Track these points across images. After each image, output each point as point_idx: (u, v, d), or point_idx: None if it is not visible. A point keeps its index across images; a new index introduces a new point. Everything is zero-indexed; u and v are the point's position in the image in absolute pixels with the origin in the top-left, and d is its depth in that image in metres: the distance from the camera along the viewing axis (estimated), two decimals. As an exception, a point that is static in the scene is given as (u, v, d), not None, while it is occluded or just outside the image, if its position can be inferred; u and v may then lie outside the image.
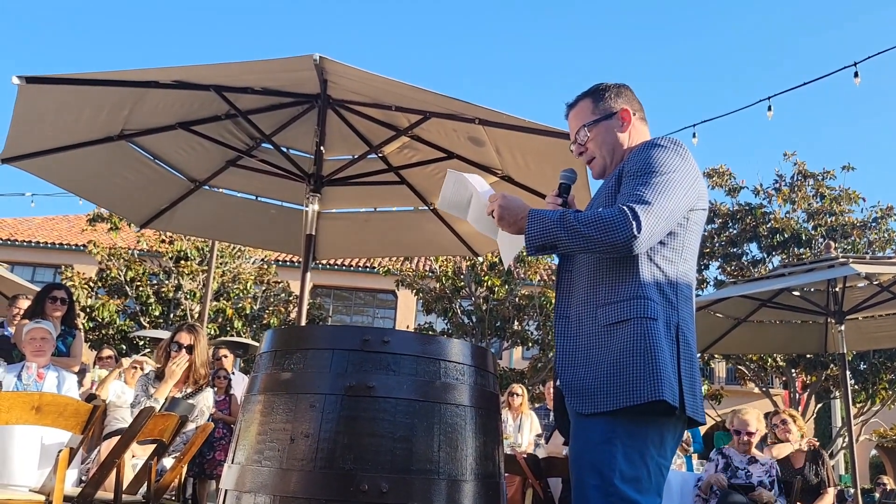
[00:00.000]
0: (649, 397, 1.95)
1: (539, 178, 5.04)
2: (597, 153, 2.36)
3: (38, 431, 3.42)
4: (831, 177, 16.25)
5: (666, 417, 2.02)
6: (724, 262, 16.72)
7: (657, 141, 2.18)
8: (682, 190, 2.08)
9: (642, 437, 2.00)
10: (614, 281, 2.10)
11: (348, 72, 4.22)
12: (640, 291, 2.06)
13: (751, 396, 19.91)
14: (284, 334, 2.31)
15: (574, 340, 2.14)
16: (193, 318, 15.04)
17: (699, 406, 2.10)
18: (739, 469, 5.01)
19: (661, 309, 2.06)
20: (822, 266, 6.16)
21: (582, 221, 2.02)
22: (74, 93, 4.39)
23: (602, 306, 2.09)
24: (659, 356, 1.98)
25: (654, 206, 2.00)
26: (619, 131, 2.33)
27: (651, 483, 2.00)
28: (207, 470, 6.90)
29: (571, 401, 2.09)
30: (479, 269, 15.05)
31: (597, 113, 2.35)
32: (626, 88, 2.40)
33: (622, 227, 1.97)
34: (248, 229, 6.41)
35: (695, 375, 2.10)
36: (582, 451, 2.05)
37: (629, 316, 2.04)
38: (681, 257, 2.15)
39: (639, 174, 2.09)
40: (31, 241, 24.01)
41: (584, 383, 2.06)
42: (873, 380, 14.84)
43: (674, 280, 2.11)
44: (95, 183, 5.41)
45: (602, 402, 2.01)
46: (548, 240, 2.06)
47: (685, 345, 2.07)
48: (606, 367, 2.03)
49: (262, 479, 2.03)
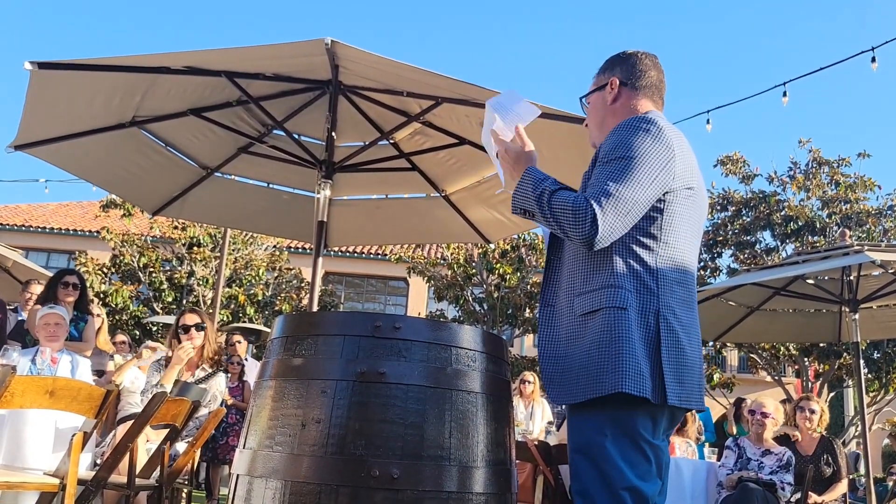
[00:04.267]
0: (610, 389, 1.93)
1: (553, 164, 4.98)
2: (589, 123, 2.32)
3: (52, 415, 3.44)
4: (847, 164, 16.09)
5: (651, 405, 1.98)
6: (737, 250, 16.62)
7: (632, 121, 2.09)
8: (649, 174, 1.99)
9: (631, 424, 1.97)
10: (589, 269, 2.07)
11: (360, 56, 4.19)
12: (612, 280, 2.02)
13: (763, 385, 19.85)
14: (296, 320, 2.31)
15: (555, 330, 2.12)
16: (206, 305, 15.13)
17: (689, 393, 2.03)
18: (752, 460, 4.99)
19: (633, 297, 2.00)
20: (836, 254, 6.10)
21: (554, 205, 1.99)
22: (86, 79, 4.39)
23: (578, 296, 2.07)
24: (623, 347, 1.94)
25: (614, 198, 1.95)
26: (607, 103, 2.25)
27: (649, 467, 1.98)
28: (220, 455, 6.96)
29: (549, 391, 2.10)
30: (490, 257, 15.04)
31: (596, 83, 2.30)
32: (635, 56, 2.27)
33: (582, 223, 1.94)
34: (260, 216, 6.42)
35: (684, 362, 2.03)
36: (576, 442, 2.04)
37: (600, 305, 2.01)
38: (662, 241, 2.06)
39: (605, 160, 2.04)
40: (45, 227, 24.17)
41: (562, 374, 2.06)
42: (887, 369, 14.74)
43: (653, 266, 2.04)
44: (107, 170, 5.42)
45: (574, 392, 2.01)
46: (527, 206, 2.06)
47: (669, 332, 2.01)
48: (579, 357, 2.02)
49: (273, 465, 2.03)
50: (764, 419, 5.09)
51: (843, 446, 16.11)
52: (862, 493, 10.17)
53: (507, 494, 2.19)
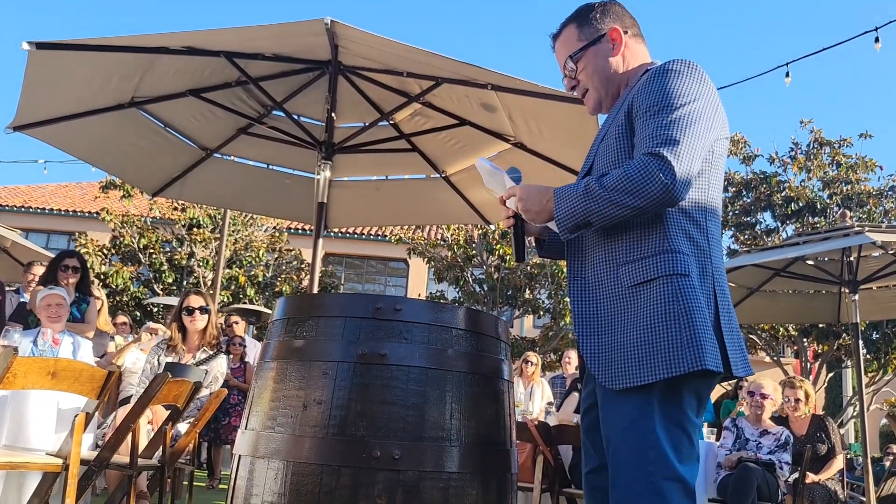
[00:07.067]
0: (691, 367, 1.72)
1: (552, 146, 5.00)
2: (589, 85, 2.07)
3: (54, 396, 3.46)
4: (848, 144, 16.04)
5: (705, 379, 1.81)
6: (737, 230, 16.61)
7: (669, 66, 1.88)
8: (707, 120, 1.81)
9: (680, 405, 1.79)
10: (635, 234, 1.85)
11: (359, 36, 4.17)
12: (667, 244, 1.81)
13: (762, 365, 19.91)
14: (297, 302, 2.31)
15: (593, 305, 1.89)
16: (206, 286, 15.15)
17: (741, 359, 1.87)
18: (751, 441, 5.02)
19: (693, 260, 1.81)
20: (836, 235, 6.09)
21: (608, 187, 1.77)
22: (85, 59, 4.36)
23: (624, 265, 1.85)
24: (696, 318, 1.74)
25: (682, 144, 1.75)
26: (610, 56, 2.04)
27: (692, 449, 1.81)
28: (223, 435, 7.01)
29: (598, 374, 1.85)
30: (490, 238, 15.03)
31: (582, 39, 2.05)
32: (613, 4, 2.09)
33: (654, 180, 1.72)
34: (260, 197, 6.41)
35: (734, 327, 1.88)
36: (616, 429, 1.83)
37: (657, 274, 1.79)
38: (707, 197, 1.89)
39: (655, 109, 1.81)
40: (44, 208, 24.15)
41: (610, 353, 1.83)
42: (885, 349, 14.81)
43: (703, 224, 1.86)
44: (106, 151, 5.40)
45: (634, 374, 1.77)
46: (580, 218, 1.82)
47: (722, 295, 1.85)
48: (636, 333, 1.79)
49: (275, 445, 2.05)
50: (763, 400, 5.11)
51: (841, 427, 16.23)
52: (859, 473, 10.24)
53: (508, 475, 2.21)
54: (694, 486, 1.79)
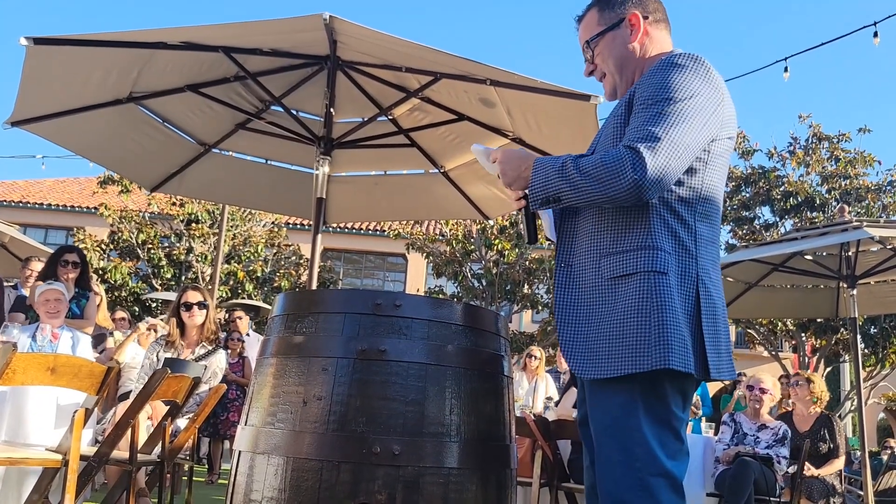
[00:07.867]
0: (655, 364, 1.72)
1: (551, 141, 4.99)
2: (606, 70, 2.05)
3: (53, 392, 3.46)
4: (847, 139, 16.05)
5: (687, 378, 1.81)
6: (735, 225, 16.63)
7: (674, 59, 1.85)
8: (701, 118, 1.78)
9: (664, 400, 1.79)
10: (621, 227, 1.84)
11: (358, 31, 4.16)
12: (649, 241, 1.80)
13: (760, 360, 19.97)
14: (296, 298, 2.31)
15: (575, 293, 1.89)
16: (205, 281, 15.15)
17: (726, 363, 1.86)
18: (749, 435, 5.04)
19: (673, 260, 1.80)
20: (835, 230, 6.10)
21: (582, 171, 1.77)
22: (83, 54, 4.35)
23: (606, 256, 1.84)
24: (668, 317, 1.74)
25: (663, 141, 1.72)
26: (627, 42, 2.00)
27: (679, 444, 1.81)
28: (222, 431, 7.02)
29: (569, 361, 1.87)
30: (489, 233, 15.04)
31: (602, 23, 2.02)
32: None
33: (623, 175, 1.71)
34: (258, 192, 6.40)
35: (720, 330, 1.86)
36: (601, 426, 1.83)
37: (636, 269, 1.79)
38: (700, 197, 1.86)
39: (649, 102, 1.80)
40: (42, 203, 24.12)
41: (586, 342, 1.84)
42: (883, 344, 14.85)
43: (692, 225, 1.85)
44: (105, 146, 5.39)
45: (605, 366, 1.79)
46: (550, 192, 1.83)
47: (707, 298, 1.83)
48: (609, 326, 1.80)
49: (275, 441, 2.05)
50: (762, 395, 5.12)
51: (839, 420, 16.26)
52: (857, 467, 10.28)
53: (507, 470, 2.21)
54: (682, 481, 1.80)
